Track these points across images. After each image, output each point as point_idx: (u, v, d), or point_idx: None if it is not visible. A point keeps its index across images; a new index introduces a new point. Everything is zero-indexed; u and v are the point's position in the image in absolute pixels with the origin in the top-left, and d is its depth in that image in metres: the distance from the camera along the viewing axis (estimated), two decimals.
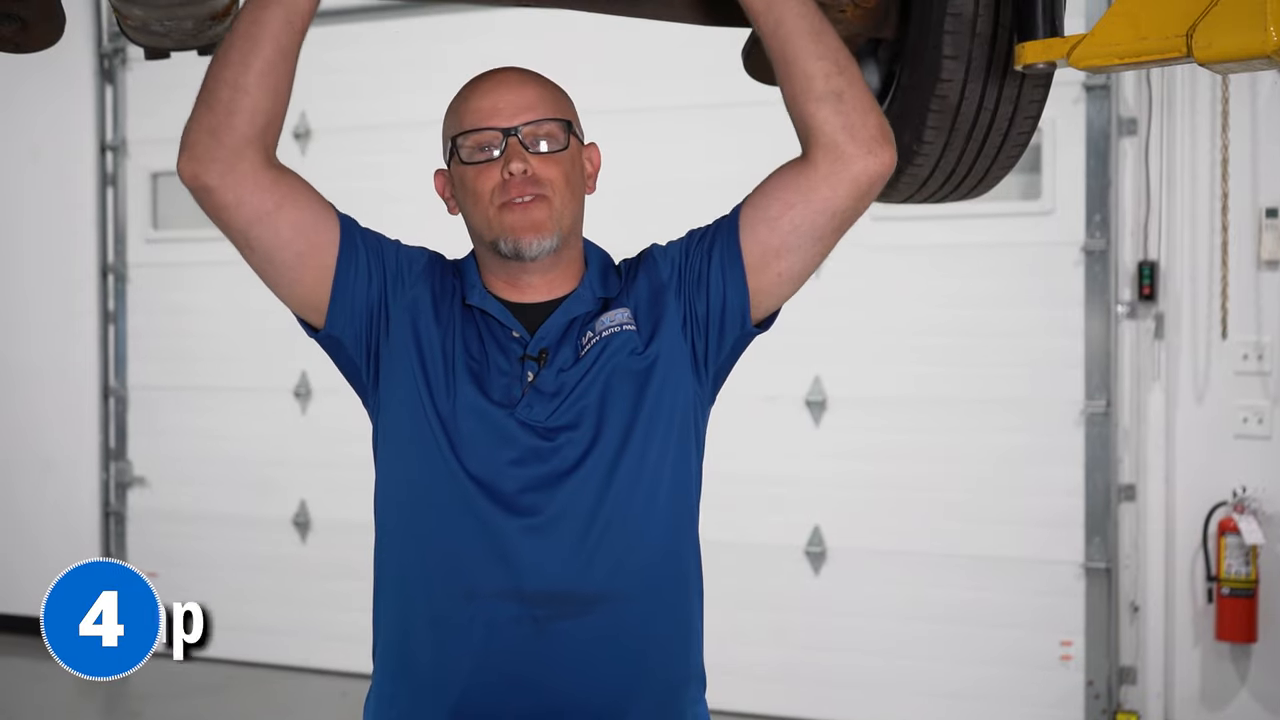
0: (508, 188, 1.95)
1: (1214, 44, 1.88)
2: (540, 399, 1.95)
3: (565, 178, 1.98)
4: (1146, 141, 5.24)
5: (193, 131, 1.89)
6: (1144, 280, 5.23)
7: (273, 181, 1.91)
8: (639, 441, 1.95)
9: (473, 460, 1.93)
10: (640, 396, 1.96)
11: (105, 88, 6.97)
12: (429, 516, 1.95)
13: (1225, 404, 5.16)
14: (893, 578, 5.57)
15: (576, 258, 2.06)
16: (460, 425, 1.94)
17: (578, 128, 2.05)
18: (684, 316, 2.01)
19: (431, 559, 1.95)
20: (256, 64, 1.88)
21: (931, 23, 2.26)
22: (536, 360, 1.97)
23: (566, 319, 2.00)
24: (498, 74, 2.04)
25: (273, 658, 6.48)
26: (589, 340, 1.99)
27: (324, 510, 6.49)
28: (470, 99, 2.02)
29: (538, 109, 1.99)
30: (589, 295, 2.03)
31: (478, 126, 1.98)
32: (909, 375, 5.56)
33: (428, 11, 6.16)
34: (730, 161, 5.75)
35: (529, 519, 1.91)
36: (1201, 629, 5.17)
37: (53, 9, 2.29)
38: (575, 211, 2.02)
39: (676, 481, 1.99)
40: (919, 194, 2.55)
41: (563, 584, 1.91)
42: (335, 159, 6.30)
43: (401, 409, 1.98)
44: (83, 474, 7.02)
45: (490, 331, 2.00)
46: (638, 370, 1.97)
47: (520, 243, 1.96)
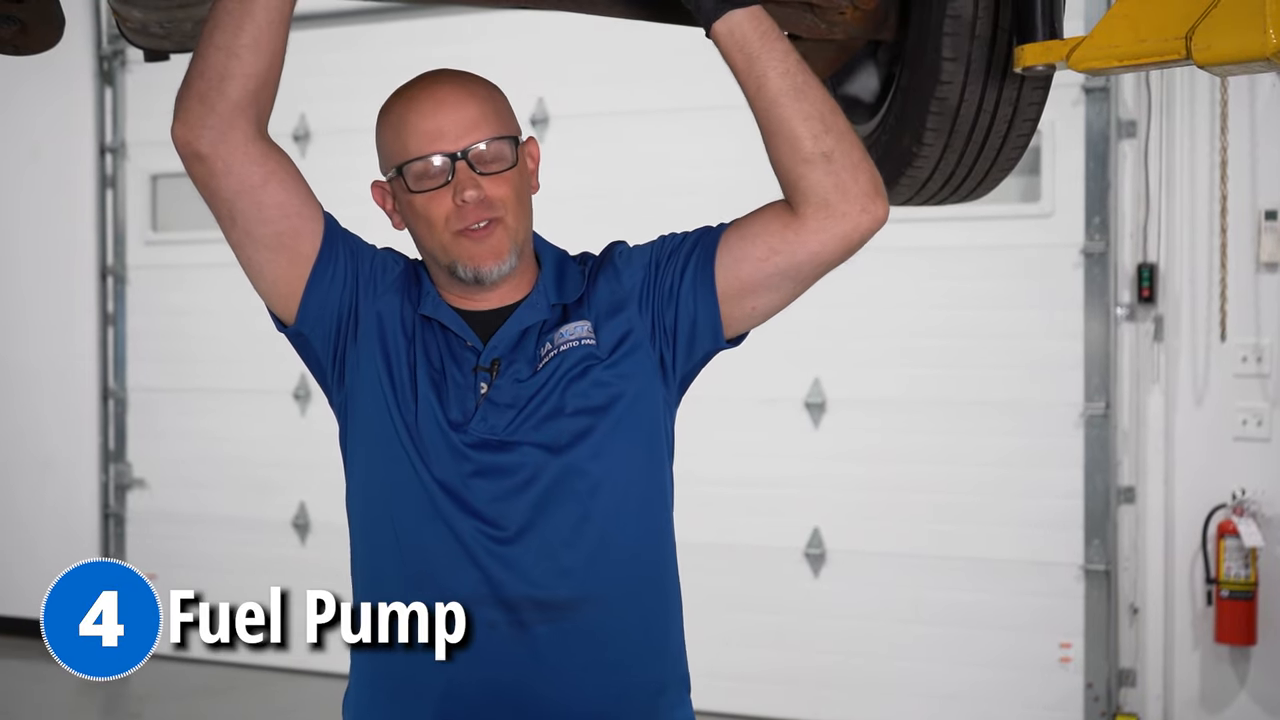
0: (462, 214, 1.92)
1: (1213, 46, 1.88)
2: (495, 411, 1.93)
3: (516, 194, 1.95)
4: (1146, 144, 5.24)
5: (185, 98, 1.87)
6: (1143, 282, 5.23)
7: (263, 154, 1.89)
8: (604, 450, 1.93)
9: (439, 469, 1.92)
10: (603, 407, 1.94)
11: (104, 89, 6.97)
12: (401, 521, 1.94)
13: (1224, 406, 5.16)
14: (892, 580, 5.57)
15: (529, 263, 2.03)
16: (424, 436, 1.93)
17: (519, 134, 2.00)
18: (651, 326, 1.98)
19: (406, 564, 1.94)
20: (249, 27, 1.85)
21: (931, 25, 2.26)
22: (489, 371, 1.95)
23: (519, 329, 1.97)
24: (435, 88, 1.98)
25: (276, 661, 6.48)
26: (547, 353, 1.96)
27: (323, 512, 6.49)
28: (408, 120, 1.96)
29: (482, 127, 1.94)
30: (543, 302, 1.99)
31: (422, 153, 1.93)
32: (908, 377, 5.56)
33: (425, 14, 6.16)
34: (728, 165, 5.76)
35: (497, 529, 1.90)
36: (1201, 631, 5.17)
37: (52, 11, 2.29)
38: (527, 223, 1.99)
39: (648, 485, 1.97)
40: (918, 196, 2.55)
41: (538, 589, 1.89)
42: (334, 160, 6.29)
43: (369, 415, 1.98)
44: (82, 476, 7.02)
45: (446, 342, 1.98)
46: (600, 382, 1.94)
47: (481, 269, 1.94)
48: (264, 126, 1.90)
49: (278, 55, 1.88)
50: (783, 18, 2.38)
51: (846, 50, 2.54)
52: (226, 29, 1.85)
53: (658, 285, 1.99)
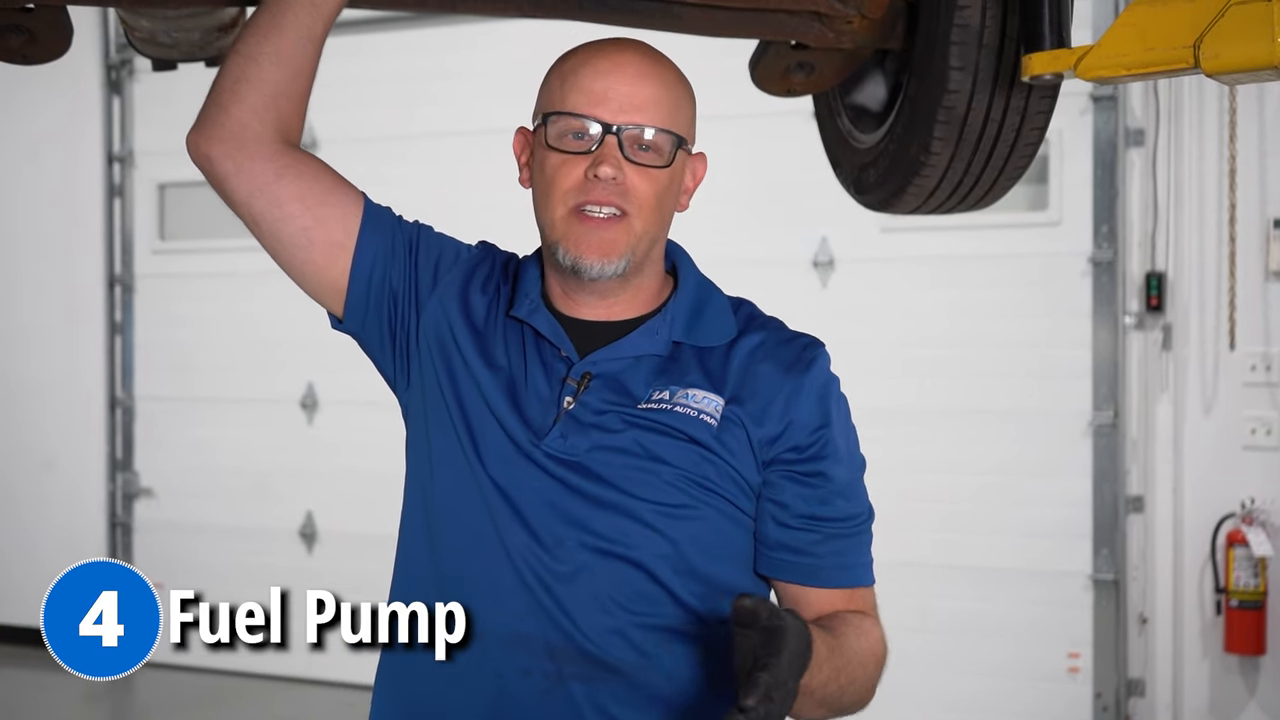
0: (588, 190, 1.73)
1: (1221, 55, 1.88)
2: (576, 429, 1.73)
3: (657, 197, 1.75)
4: (1154, 152, 5.24)
5: (204, 105, 1.83)
6: (1151, 291, 5.22)
7: (276, 153, 1.80)
8: (679, 511, 1.72)
9: (499, 473, 1.74)
10: (691, 481, 1.73)
11: (112, 99, 6.99)
12: (450, 532, 1.77)
13: (1233, 415, 5.14)
14: (900, 589, 5.55)
15: (651, 283, 1.83)
16: (489, 441, 1.75)
17: (689, 141, 1.82)
18: (757, 461, 1.76)
19: (446, 584, 1.75)
20: (274, 38, 1.82)
21: (938, 34, 2.26)
22: (576, 385, 1.76)
23: (629, 354, 1.78)
24: (620, 52, 1.79)
25: (279, 669, 6.48)
26: (659, 399, 1.75)
27: (330, 522, 6.49)
28: (579, 73, 1.77)
29: (650, 112, 1.75)
30: (663, 333, 1.79)
31: (577, 111, 1.74)
32: (916, 386, 5.55)
33: (435, 22, 6.16)
34: (742, 172, 5.77)
35: (554, 560, 1.71)
36: (1210, 641, 5.15)
37: (60, 21, 2.30)
38: (657, 234, 1.79)
39: (727, 547, 1.76)
40: (926, 205, 2.54)
41: (581, 642, 1.70)
42: (343, 170, 6.30)
43: (430, 416, 1.81)
44: (89, 485, 7.02)
45: (537, 345, 1.79)
46: (698, 457, 1.73)
47: (581, 261, 1.74)
48: (285, 135, 1.83)
49: (302, 72, 1.84)
50: (792, 27, 2.38)
51: (854, 59, 2.54)
52: (252, 37, 1.84)
53: (776, 449, 1.76)
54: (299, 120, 1.87)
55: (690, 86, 1.85)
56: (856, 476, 1.83)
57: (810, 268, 5.72)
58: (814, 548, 1.78)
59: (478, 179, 5.94)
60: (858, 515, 1.82)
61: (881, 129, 2.52)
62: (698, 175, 1.86)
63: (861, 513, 1.83)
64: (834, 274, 5.70)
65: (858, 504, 1.82)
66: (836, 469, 1.78)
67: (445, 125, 6.14)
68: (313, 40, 1.85)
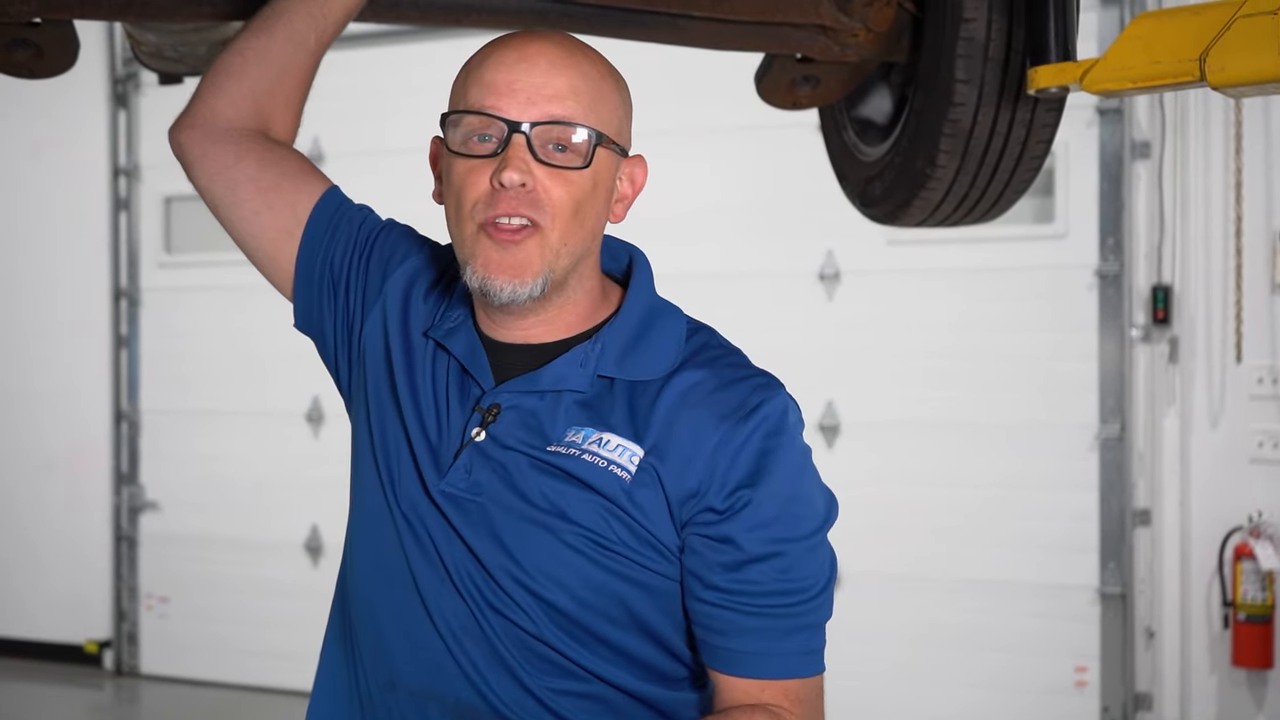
0: (495, 201, 1.50)
1: (1227, 68, 1.88)
2: (481, 464, 1.54)
3: (575, 204, 1.52)
4: (1160, 165, 5.23)
5: (187, 103, 1.85)
6: (1158, 304, 5.21)
7: (242, 138, 1.75)
8: (585, 566, 1.52)
9: (409, 506, 1.58)
10: (594, 542, 1.52)
11: (118, 112, 7.00)
12: (367, 567, 1.63)
13: (1240, 428, 5.13)
14: (906, 602, 5.55)
15: (579, 302, 1.60)
16: (401, 471, 1.60)
17: (616, 139, 1.58)
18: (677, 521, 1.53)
19: (361, 628, 1.63)
20: (263, 36, 1.84)
21: (944, 46, 2.26)
22: (484, 414, 1.56)
23: (547, 388, 1.56)
24: (530, 42, 1.56)
25: (284, 683, 6.47)
26: (571, 442, 1.53)
27: (336, 535, 6.47)
28: (484, 66, 1.56)
29: (564, 104, 1.52)
30: (589, 367, 1.56)
31: (479, 108, 1.52)
32: (922, 399, 5.55)
33: (439, 36, 6.17)
34: (748, 185, 5.77)
35: (464, 610, 1.54)
36: (1218, 655, 5.14)
37: (67, 35, 2.30)
38: (576, 249, 1.54)
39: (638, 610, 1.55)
40: (932, 218, 2.54)
41: (495, 703, 1.53)
42: (348, 183, 6.29)
43: (357, 436, 1.70)
44: (94, 498, 7.02)
45: (459, 370, 1.61)
46: (605, 514, 1.51)
47: (489, 283, 1.52)
48: (262, 127, 1.79)
49: (287, 72, 1.83)
50: (797, 40, 2.39)
51: (860, 72, 2.54)
52: (244, 34, 1.86)
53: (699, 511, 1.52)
54: (286, 121, 1.84)
55: (620, 81, 1.61)
56: (791, 548, 1.53)
57: (816, 280, 5.72)
58: (724, 626, 1.52)
59: None
60: (789, 593, 1.52)
61: (887, 142, 2.52)
62: (637, 182, 1.63)
63: (795, 590, 1.53)
64: (840, 286, 5.70)
65: (790, 579, 1.52)
66: (750, 536, 1.50)
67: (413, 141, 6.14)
68: (304, 47, 1.84)
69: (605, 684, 1.53)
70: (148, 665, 6.91)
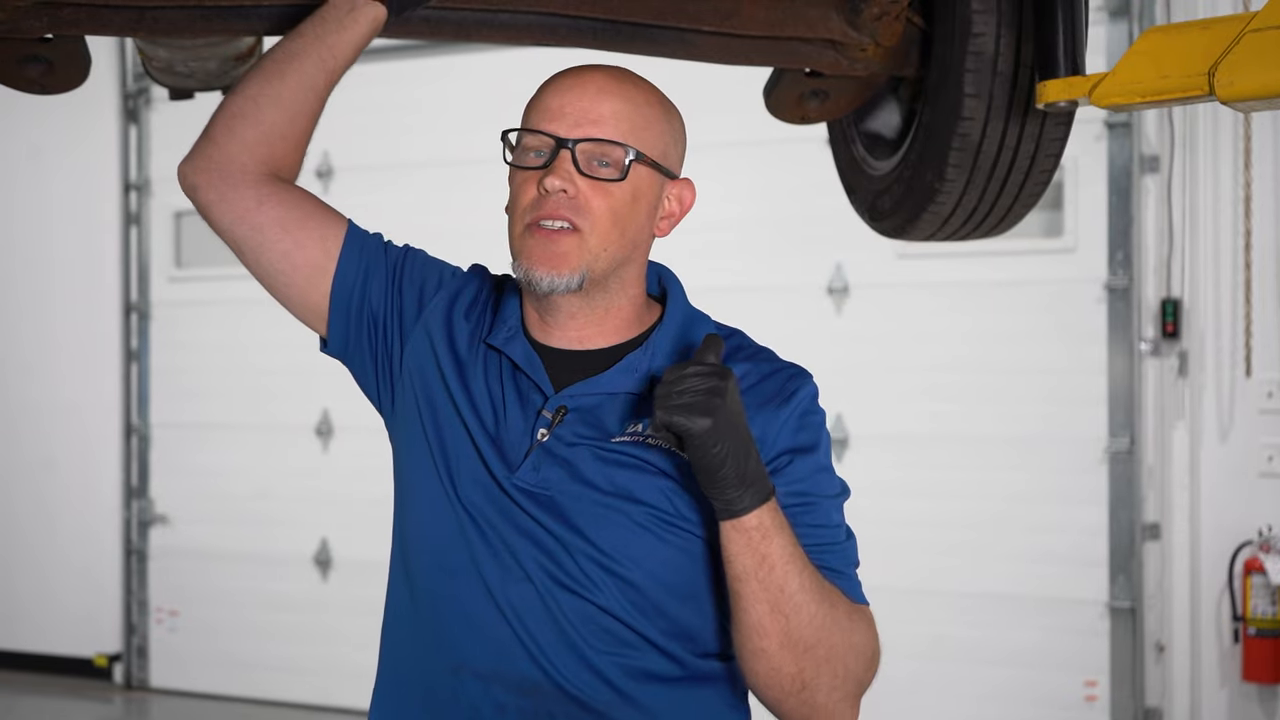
0: (540, 204, 1.72)
1: (1236, 82, 1.88)
2: (549, 462, 1.72)
3: (613, 213, 1.72)
4: (1169, 179, 5.23)
5: (198, 140, 1.89)
6: (1167, 317, 5.21)
7: (260, 182, 1.84)
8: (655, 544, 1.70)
9: (474, 503, 1.74)
10: (661, 519, 1.70)
11: (129, 127, 7.03)
12: (426, 563, 1.76)
13: (1249, 442, 5.12)
14: (914, 616, 5.54)
15: (624, 308, 1.79)
16: (465, 472, 1.75)
17: (661, 160, 1.78)
18: None
19: (422, 619, 1.76)
20: (277, 83, 1.88)
21: (953, 61, 2.27)
22: (551, 417, 1.73)
23: (606, 391, 1.75)
24: (587, 71, 1.79)
25: (294, 696, 6.47)
26: (632, 432, 1.72)
27: (345, 548, 6.49)
28: (544, 93, 1.79)
29: (606, 126, 1.73)
30: (641, 372, 1.75)
31: (534, 127, 1.75)
32: (931, 412, 5.55)
33: (450, 51, 6.19)
34: (757, 199, 5.77)
35: (529, 594, 1.69)
36: (1228, 669, 5.12)
37: (78, 51, 2.31)
38: (617, 254, 1.74)
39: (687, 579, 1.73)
40: (941, 232, 2.54)
41: (557, 679, 1.68)
42: (357, 198, 6.32)
43: (410, 443, 1.81)
44: (105, 512, 7.04)
45: (514, 375, 1.78)
46: (669, 491, 1.69)
47: (533, 273, 1.72)
48: (275, 170, 1.87)
49: (300, 115, 1.89)
50: (806, 54, 2.39)
51: (869, 86, 2.54)
52: (257, 80, 1.89)
53: None
54: (294, 161, 1.91)
55: (671, 109, 1.82)
56: (820, 501, 1.74)
57: (825, 294, 5.72)
58: None
59: (449, 207, 5.96)
60: (825, 535, 1.73)
61: (896, 156, 2.52)
62: (685, 202, 1.82)
63: (831, 535, 1.74)
64: (849, 300, 5.70)
65: (823, 524, 1.74)
66: (787, 490, 1.70)
67: (458, 153, 6.16)
68: (315, 91, 1.91)
69: (659, 652, 1.70)
70: (157, 679, 6.91)
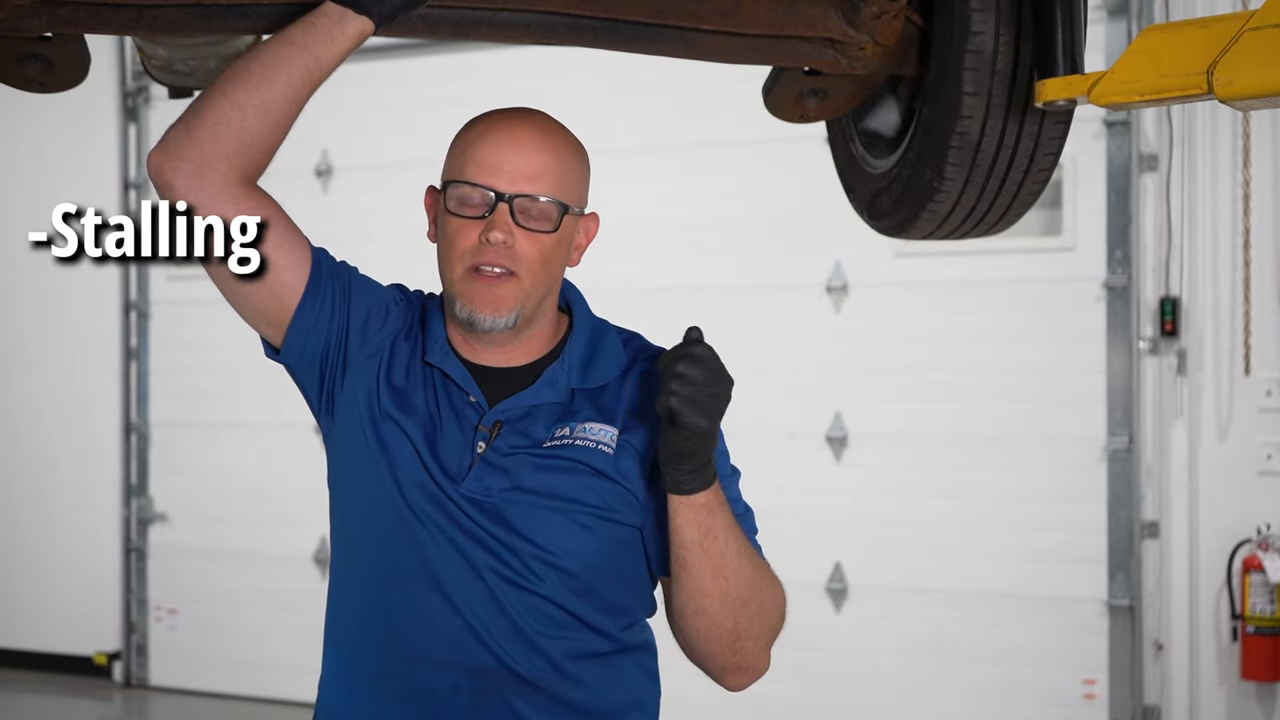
0: (481, 252, 1.89)
1: (1235, 81, 1.88)
2: (489, 472, 1.89)
3: (543, 258, 1.91)
4: (1168, 177, 5.23)
5: (174, 130, 1.90)
6: (1166, 316, 5.21)
7: (239, 195, 1.88)
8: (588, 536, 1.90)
9: (422, 508, 1.90)
10: (596, 515, 1.90)
11: (129, 126, 7.02)
12: (376, 563, 1.94)
13: (1248, 441, 5.13)
14: (915, 615, 5.54)
15: (544, 330, 1.98)
16: (411, 479, 1.91)
17: (576, 204, 1.96)
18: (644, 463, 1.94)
19: (375, 615, 1.94)
20: (264, 90, 1.89)
21: (951, 60, 2.27)
22: (489, 431, 1.91)
23: (531, 403, 1.93)
24: (517, 125, 1.94)
25: (293, 694, 6.47)
26: (561, 436, 1.92)
27: None
28: (479, 144, 1.93)
29: (540, 183, 1.90)
30: (561, 383, 1.95)
31: (474, 180, 1.90)
32: (930, 411, 5.55)
33: (448, 50, 6.19)
34: (756, 198, 5.77)
35: (479, 587, 1.88)
36: (1226, 668, 5.13)
37: (78, 50, 2.31)
38: (545, 290, 1.94)
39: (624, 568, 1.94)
40: (940, 230, 2.54)
41: (508, 662, 1.87)
42: (355, 197, 6.33)
43: (354, 452, 1.97)
44: (104, 510, 7.04)
45: (447, 392, 1.94)
46: (600, 488, 1.90)
47: (475, 315, 1.90)
48: (249, 177, 1.90)
49: (281, 127, 1.91)
50: (805, 53, 2.39)
51: (868, 85, 2.54)
52: (241, 84, 1.89)
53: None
54: (264, 167, 1.94)
55: (583, 153, 1.99)
56: (731, 479, 1.98)
57: (824, 293, 5.72)
58: None
59: None
60: (738, 500, 1.98)
61: (895, 154, 2.52)
62: (590, 233, 2.00)
63: (739, 500, 1.98)
64: (848, 299, 5.71)
65: (736, 494, 1.98)
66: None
67: (424, 154, 6.16)
68: (298, 101, 1.92)
69: (592, 629, 1.91)
70: (156, 677, 6.91)
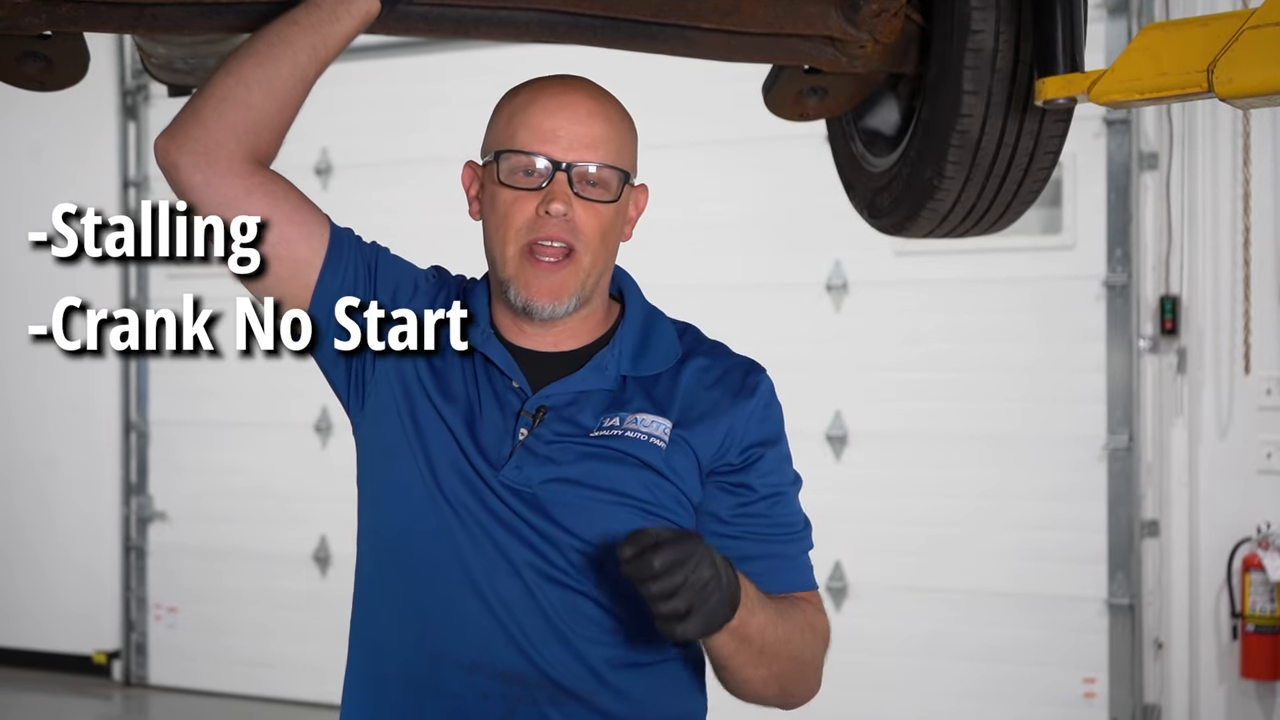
0: (539, 225, 1.77)
1: (1235, 79, 1.88)
2: (531, 460, 1.77)
3: (603, 232, 1.80)
4: (1168, 176, 5.23)
5: (181, 112, 1.85)
6: (1166, 314, 5.21)
7: (247, 171, 1.81)
8: None
9: (458, 499, 1.79)
10: (642, 510, 1.77)
11: (128, 124, 7.02)
12: (405, 559, 1.82)
13: (1248, 439, 5.13)
14: (915, 613, 5.54)
15: (597, 312, 1.87)
16: (447, 470, 1.79)
17: (634, 175, 1.86)
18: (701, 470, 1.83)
19: (401, 612, 1.81)
20: (269, 67, 1.84)
21: (951, 58, 2.27)
22: (532, 418, 1.79)
23: (579, 389, 1.81)
24: (567, 90, 1.84)
25: (293, 693, 6.47)
26: (610, 425, 1.80)
27: (344, 545, 6.46)
28: (529, 111, 1.82)
29: (599, 150, 1.79)
30: (611, 370, 1.83)
31: (529, 149, 1.79)
32: (930, 410, 5.55)
33: (449, 48, 6.19)
34: (756, 196, 5.77)
35: (515, 585, 1.76)
36: (1226, 666, 5.13)
37: (77, 48, 2.31)
38: (604, 267, 1.83)
39: None
40: (940, 229, 2.54)
41: (543, 666, 1.75)
42: (356, 195, 6.32)
43: (386, 442, 1.85)
44: (103, 509, 7.03)
45: (488, 375, 1.83)
46: (649, 483, 1.78)
47: (532, 304, 1.79)
48: (258, 157, 1.84)
49: (288, 106, 1.86)
50: (805, 51, 2.39)
51: (868, 84, 2.54)
52: (247, 62, 1.85)
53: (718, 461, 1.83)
54: (275, 149, 1.88)
55: (633, 122, 1.88)
56: (787, 490, 1.87)
57: (824, 291, 5.72)
58: (749, 550, 1.80)
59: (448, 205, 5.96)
60: (791, 524, 1.86)
61: (895, 153, 2.52)
62: (640, 206, 1.90)
63: (795, 523, 1.86)
64: (848, 297, 5.71)
65: (789, 514, 1.86)
66: (760, 480, 1.84)
67: (456, 150, 6.15)
68: (305, 81, 1.87)
69: (640, 637, 1.76)
70: (156, 676, 6.91)
